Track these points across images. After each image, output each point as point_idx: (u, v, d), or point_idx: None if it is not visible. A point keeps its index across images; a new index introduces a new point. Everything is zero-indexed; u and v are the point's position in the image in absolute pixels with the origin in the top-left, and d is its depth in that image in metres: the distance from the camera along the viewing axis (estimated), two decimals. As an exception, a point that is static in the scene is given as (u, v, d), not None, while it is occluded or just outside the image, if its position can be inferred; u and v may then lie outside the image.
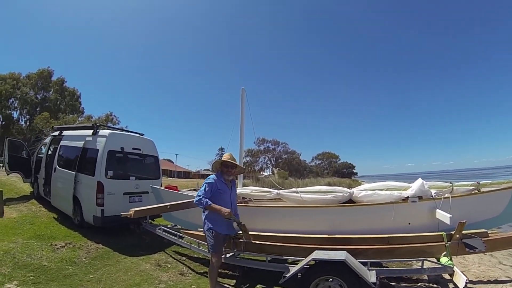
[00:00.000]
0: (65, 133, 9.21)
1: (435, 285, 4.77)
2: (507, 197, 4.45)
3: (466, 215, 4.12)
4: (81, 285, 4.46)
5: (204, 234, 4.40)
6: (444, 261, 3.79)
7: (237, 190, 5.63)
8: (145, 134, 8.66)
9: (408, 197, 4.51)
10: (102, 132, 7.46)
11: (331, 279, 3.58)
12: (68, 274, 4.77)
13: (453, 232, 3.97)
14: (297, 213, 5.04)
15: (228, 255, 4.73)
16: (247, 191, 5.80)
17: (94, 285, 4.48)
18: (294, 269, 3.74)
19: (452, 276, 3.77)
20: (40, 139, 15.72)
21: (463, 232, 3.93)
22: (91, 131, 7.53)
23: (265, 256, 4.48)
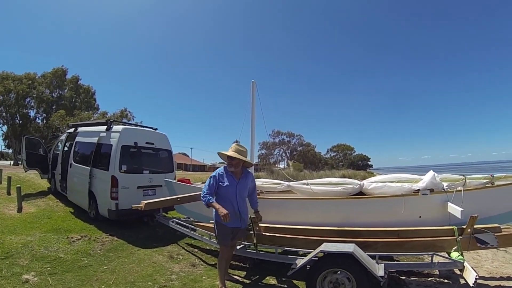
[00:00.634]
0: (80, 129, 9.42)
1: (446, 280, 4.72)
2: None
3: (478, 209, 4.05)
4: (95, 275, 4.56)
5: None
6: (454, 256, 3.73)
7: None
8: (160, 128, 8.77)
9: (419, 189, 4.45)
10: (116, 127, 7.59)
11: (339, 271, 3.57)
12: (83, 265, 4.89)
13: (464, 227, 3.91)
14: (307, 205, 5.03)
15: (239, 247, 4.79)
16: (258, 183, 5.81)
17: (108, 276, 4.58)
18: (302, 261, 3.75)
19: (462, 271, 3.70)
20: (57, 136, 16.03)
21: (475, 226, 3.87)
22: (105, 127, 7.69)
23: (275, 248, 4.52)
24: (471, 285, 3.35)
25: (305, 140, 63.89)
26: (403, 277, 4.73)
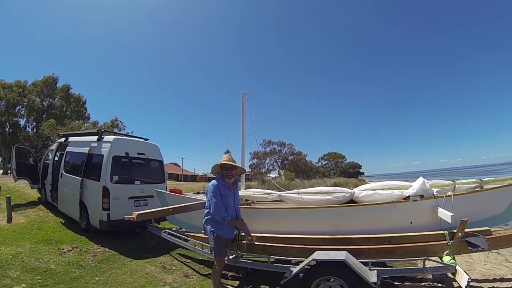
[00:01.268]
0: (71, 139, 9.34)
1: (439, 284, 4.76)
2: (510, 194, 4.39)
3: (468, 213, 4.10)
4: (87, 287, 4.52)
5: (205, 236, 4.44)
6: (446, 260, 3.76)
7: (241, 192, 5.67)
8: (151, 138, 8.80)
9: (409, 196, 4.49)
10: (107, 137, 7.57)
11: (332, 279, 3.58)
12: (74, 277, 4.83)
13: (455, 231, 3.94)
14: (299, 214, 5.05)
15: (231, 257, 4.78)
16: (250, 193, 5.84)
17: (100, 287, 4.54)
18: (295, 269, 3.76)
19: (455, 275, 3.72)
20: (47, 145, 15.87)
21: (465, 230, 3.90)
22: (96, 137, 7.65)
23: (267, 257, 4.51)
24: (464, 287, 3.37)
25: (296, 149, 64.25)
26: (396, 283, 4.75)
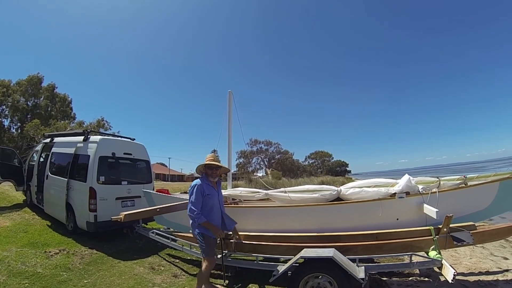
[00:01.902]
0: (56, 140, 9.19)
1: (426, 279, 4.85)
2: (494, 189, 4.48)
3: (453, 209, 4.17)
4: (75, 290, 4.47)
5: (193, 236, 4.42)
6: (432, 254, 3.83)
7: (227, 191, 5.67)
8: (138, 138, 8.72)
9: (395, 193, 4.55)
10: (93, 138, 7.48)
11: (320, 276, 3.62)
12: (62, 280, 4.77)
13: (440, 226, 4.02)
14: (286, 212, 5.05)
15: (219, 256, 4.77)
16: (236, 192, 5.81)
17: (88, 290, 4.50)
18: (283, 267, 3.79)
19: (441, 269, 3.78)
20: (32, 146, 15.62)
21: (450, 225, 3.98)
22: (82, 138, 7.55)
23: (256, 256, 4.53)
24: (450, 281, 3.44)
25: (282, 148, 64.16)
26: (384, 278, 4.83)
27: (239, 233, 4.74)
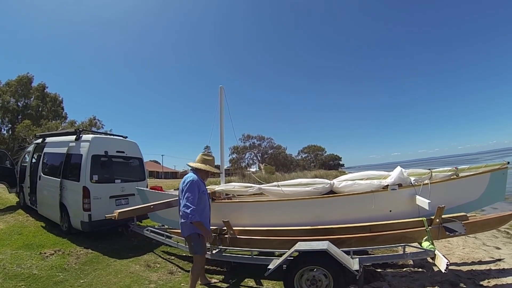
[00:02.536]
0: (48, 140, 9.09)
1: (420, 269, 4.92)
2: (484, 180, 4.55)
3: (445, 200, 4.23)
4: (71, 290, 4.45)
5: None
6: (425, 245, 3.87)
7: (221, 187, 5.70)
8: (130, 136, 8.66)
9: (388, 185, 4.59)
10: (85, 137, 7.41)
11: (315, 269, 3.65)
12: (58, 280, 4.75)
13: (433, 217, 4.07)
14: (280, 206, 5.08)
15: (215, 251, 4.80)
16: (230, 187, 5.81)
17: (85, 290, 4.48)
18: (278, 261, 3.80)
19: (434, 259, 3.84)
20: (23, 147, 15.45)
21: (443, 216, 4.03)
22: (74, 137, 7.49)
23: (251, 250, 4.55)
24: (443, 271, 3.49)
25: (275, 143, 64.62)
26: (379, 270, 4.89)
27: (233, 228, 4.75)
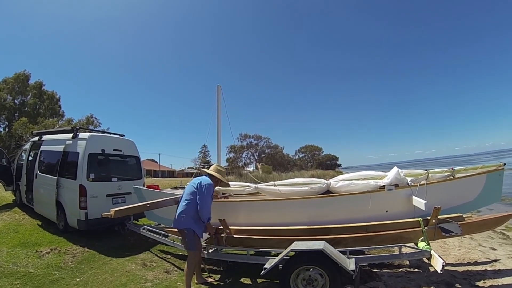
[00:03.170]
0: (45, 137, 9.04)
1: (416, 269, 4.94)
2: (481, 182, 4.55)
3: (442, 200, 4.23)
4: (68, 289, 4.44)
5: (179, 230, 4.42)
6: (421, 246, 3.88)
7: (217, 186, 5.74)
8: (128, 134, 8.63)
9: (384, 185, 4.60)
10: (82, 135, 7.39)
11: (311, 268, 3.66)
12: (54, 279, 4.74)
13: (429, 218, 4.08)
14: (276, 206, 5.07)
15: (211, 251, 4.80)
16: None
17: (81, 288, 4.48)
18: (274, 260, 3.81)
19: (430, 260, 3.85)
20: (20, 145, 15.37)
21: (439, 217, 4.04)
22: (71, 135, 7.46)
23: (247, 249, 4.56)
24: (439, 271, 3.51)
25: (273, 142, 64.56)
26: (375, 270, 4.90)
27: (230, 227, 4.76)
